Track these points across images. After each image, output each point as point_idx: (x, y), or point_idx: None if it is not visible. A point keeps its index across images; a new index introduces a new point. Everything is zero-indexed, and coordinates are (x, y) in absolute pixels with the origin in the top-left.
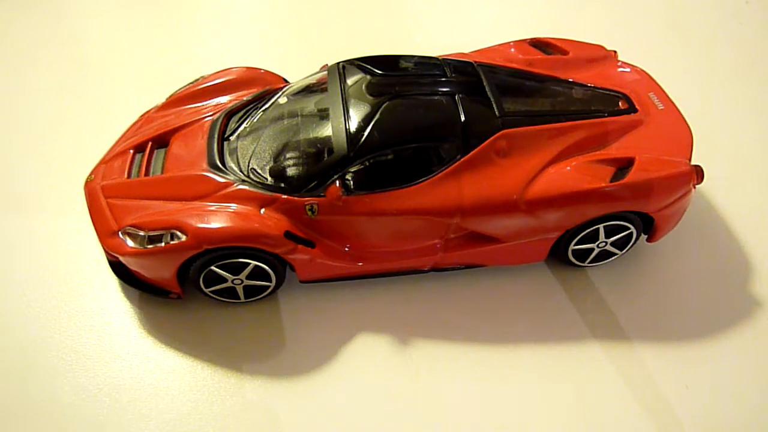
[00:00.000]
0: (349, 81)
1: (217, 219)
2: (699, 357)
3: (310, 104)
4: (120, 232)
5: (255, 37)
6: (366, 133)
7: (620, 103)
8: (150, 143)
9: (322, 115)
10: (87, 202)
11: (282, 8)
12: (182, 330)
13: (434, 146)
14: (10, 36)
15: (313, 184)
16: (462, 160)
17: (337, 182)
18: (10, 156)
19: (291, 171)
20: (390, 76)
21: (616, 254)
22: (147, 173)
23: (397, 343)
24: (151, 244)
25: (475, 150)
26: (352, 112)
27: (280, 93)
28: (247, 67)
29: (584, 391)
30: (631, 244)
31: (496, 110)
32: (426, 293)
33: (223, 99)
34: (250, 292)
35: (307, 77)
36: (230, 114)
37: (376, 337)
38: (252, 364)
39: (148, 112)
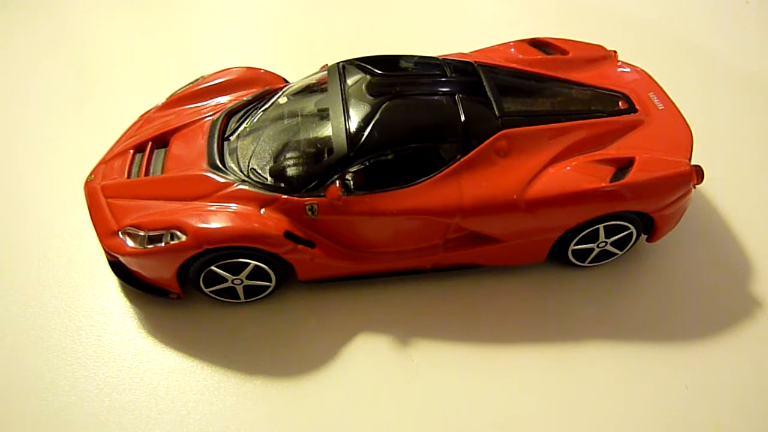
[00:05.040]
0: (349, 81)
1: (217, 219)
2: (699, 357)
3: (310, 104)
4: (120, 232)
5: (255, 37)
6: (366, 133)
7: (620, 103)
8: (150, 143)
9: (322, 115)
10: (87, 202)
11: (282, 8)
12: (182, 330)
13: (434, 146)
14: (11, 37)
15: (313, 184)
16: (462, 160)
17: (337, 182)
18: (10, 156)
19: (291, 171)
20: (390, 76)
21: (616, 254)
22: (147, 173)
23: (397, 343)
24: (151, 244)
25: (475, 150)
26: (352, 112)
27: (280, 93)
28: (247, 67)
29: (584, 390)
30: (631, 244)
31: (496, 110)
32: (426, 293)
33: (223, 99)
34: (250, 292)
35: (307, 77)
36: (230, 114)
37: (376, 337)
38: (252, 364)
39: (148, 112)
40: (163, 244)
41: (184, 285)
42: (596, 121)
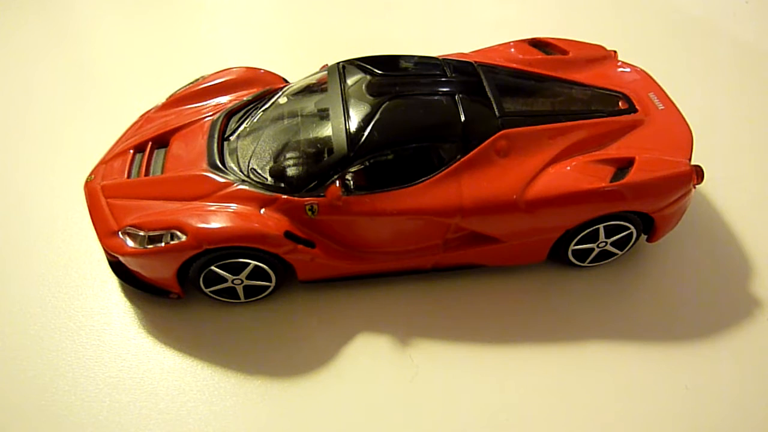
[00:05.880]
0: (349, 81)
1: (217, 219)
2: (699, 357)
3: (310, 104)
4: (120, 232)
5: (255, 37)
6: (366, 133)
7: (620, 103)
8: (150, 143)
9: (322, 115)
10: (87, 202)
11: (282, 8)
12: (182, 330)
13: (434, 146)
14: (11, 37)
15: (313, 184)
16: (462, 160)
17: (337, 182)
18: (10, 156)
19: (291, 171)
20: (390, 76)
21: (616, 254)
22: (147, 173)
23: (397, 343)
24: (151, 244)
25: (475, 150)
26: (352, 112)
27: (280, 93)
28: (247, 67)
29: (584, 390)
30: (631, 244)
31: (496, 110)
32: (426, 293)
33: (223, 99)
34: (250, 292)
35: (307, 77)
36: (230, 114)
37: (376, 337)
38: (252, 364)
39: (148, 112)
40: (163, 244)
41: (184, 285)
42: (596, 121)
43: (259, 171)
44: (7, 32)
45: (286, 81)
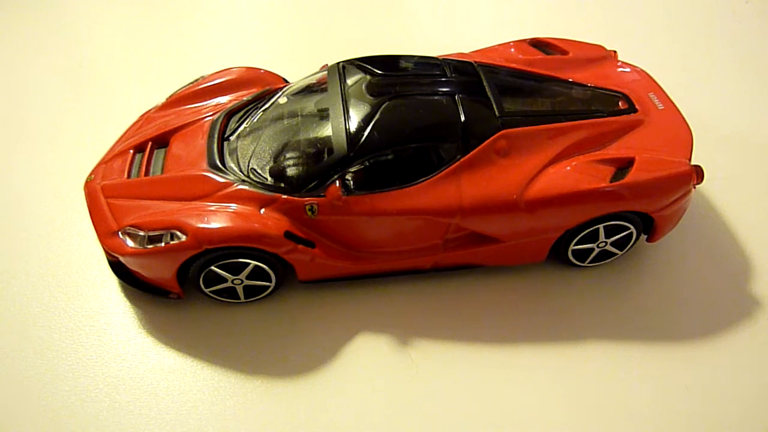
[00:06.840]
0: (349, 81)
1: (217, 219)
2: (699, 357)
3: (310, 104)
4: (120, 232)
5: (255, 37)
6: (366, 133)
7: (620, 103)
8: (150, 143)
9: (322, 115)
10: (87, 202)
11: (282, 8)
12: (182, 330)
13: (434, 146)
14: (10, 37)
15: (313, 184)
16: (462, 160)
17: (337, 182)
18: (10, 156)
19: (291, 171)
20: (390, 76)
21: (616, 254)
22: (147, 173)
23: (397, 343)
24: (151, 244)
25: (475, 150)
26: (352, 112)
27: (280, 93)
28: (247, 67)
29: (583, 390)
30: (631, 244)
31: (496, 110)
32: (426, 293)
33: (223, 99)
34: (250, 292)
35: (307, 77)
36: (230, 114)
37: (376, 337)
38: (252, 364)
39: (148, 112)
40: (163, 244)
41: (184, 285)
42: (596, 121)
43: (259, 171)
44: (5, 31)
45: (286, 81)
